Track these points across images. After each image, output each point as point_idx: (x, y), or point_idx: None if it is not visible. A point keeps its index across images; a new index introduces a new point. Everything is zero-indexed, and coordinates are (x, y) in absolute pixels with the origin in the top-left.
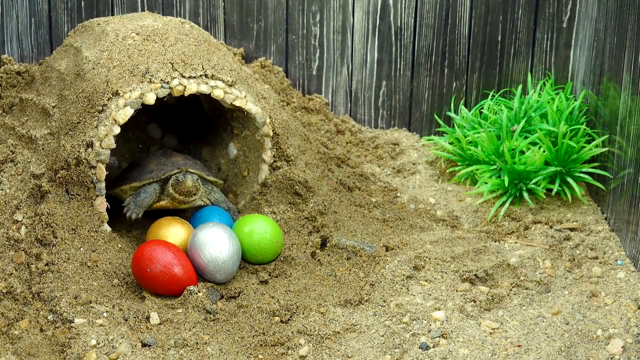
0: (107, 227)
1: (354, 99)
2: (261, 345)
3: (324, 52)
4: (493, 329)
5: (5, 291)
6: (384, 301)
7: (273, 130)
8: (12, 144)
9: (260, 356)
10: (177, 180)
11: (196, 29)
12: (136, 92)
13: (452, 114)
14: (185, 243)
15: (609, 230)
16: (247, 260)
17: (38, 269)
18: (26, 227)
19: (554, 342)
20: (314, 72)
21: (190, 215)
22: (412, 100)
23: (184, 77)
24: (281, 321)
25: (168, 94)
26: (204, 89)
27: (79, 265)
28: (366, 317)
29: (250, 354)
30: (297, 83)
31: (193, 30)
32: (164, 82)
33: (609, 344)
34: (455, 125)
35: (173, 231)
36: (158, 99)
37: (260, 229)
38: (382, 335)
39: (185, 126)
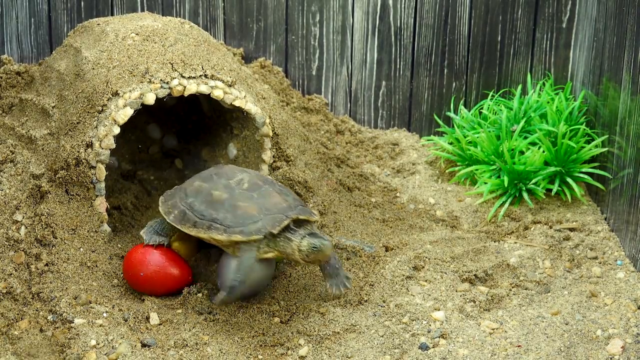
0: (107, 227)
1: (354, 99)
2: (261, 345)
3: (324, 52)
4: (493, 329)
5: (5, 291)
6: (384, 301)
7: (273, 131)
8: (11, 144)
9: (260, 356)
10: (314, 247)
11: (196, 29)
12: (136, 92)
13: (451, 114)
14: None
15: (609, 230)
16: None
17: (38, 269)
18: (26, 227)
19: (554, 342)
20: (314, 72)
21: None
22: (411, 100)
23: (183, 77)
24: (281, 321)
25: (168, 94)
26: (203, 89)
27: (78, 265)
28: (366, 317)
29: (250, 354)
30: (297, 83)
31: (193, 30)
32: (164, 83)
33: (608, 344)
34: (455, 125)
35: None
36: (158, 99)
37: None
38: (382, 336)
39: (184, 126)
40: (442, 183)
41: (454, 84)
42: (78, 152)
